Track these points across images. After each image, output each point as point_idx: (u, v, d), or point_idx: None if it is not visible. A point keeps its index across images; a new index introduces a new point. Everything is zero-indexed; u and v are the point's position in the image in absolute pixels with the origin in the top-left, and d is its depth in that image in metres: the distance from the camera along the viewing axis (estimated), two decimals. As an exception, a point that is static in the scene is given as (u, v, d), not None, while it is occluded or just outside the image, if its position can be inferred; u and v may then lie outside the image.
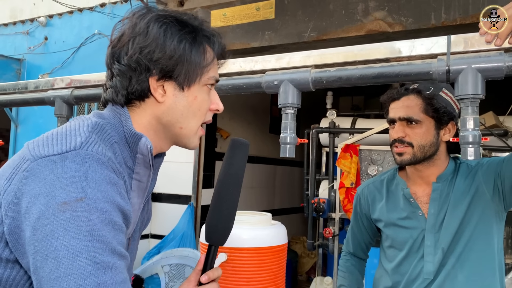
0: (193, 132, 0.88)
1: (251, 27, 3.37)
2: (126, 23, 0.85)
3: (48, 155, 0.70)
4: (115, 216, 0.70)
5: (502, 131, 3.25)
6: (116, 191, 0.71)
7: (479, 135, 0.97)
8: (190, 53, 0.82)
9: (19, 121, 5.49)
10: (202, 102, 0.87)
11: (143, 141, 0.81)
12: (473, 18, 2.60)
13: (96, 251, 0.66)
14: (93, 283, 0.65)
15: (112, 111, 0.84)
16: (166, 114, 0.84)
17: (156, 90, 0.83)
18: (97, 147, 0.73)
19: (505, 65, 0.95)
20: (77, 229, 0.65)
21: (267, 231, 1.53)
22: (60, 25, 5.19)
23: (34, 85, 1.74)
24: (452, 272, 1.32)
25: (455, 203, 1.34)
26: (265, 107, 5.80)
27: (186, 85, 0.84)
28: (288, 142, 1.18)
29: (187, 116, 0.85)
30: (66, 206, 0.66)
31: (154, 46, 0.80)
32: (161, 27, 0.81)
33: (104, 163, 0.71)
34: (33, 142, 0.75)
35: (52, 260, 0.64)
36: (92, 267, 0.65)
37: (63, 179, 0.67)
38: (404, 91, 1.39)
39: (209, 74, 0.87)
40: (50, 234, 0.65)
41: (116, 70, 0.83)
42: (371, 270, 1.66)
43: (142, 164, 0.83)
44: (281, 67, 1.22)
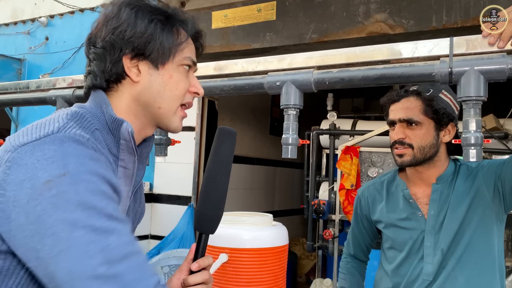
0: (172, 112, 0.88)
1: (252, 28, 3.38)
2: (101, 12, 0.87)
3: (27, 142, 0.70)
4: (103, 186, 0.70)
5: (502, 133, 3.25)
6: (99, 166, 0.71)
7: (481, 137, 0.97)
8: (161, 31, 0.84)
9: (19, 120, 5.48)
10: (178, 82, 0.87)
11: (125, 126, 0.82)
12: (474, 20, 2.61)
13: (91, 218, 0.66)
14: (96, 249, 0.65)
15: (93, 100, 0.86)
16: (142, 94, 0.85)
17: (130, 70, 0.84)
18: (75, 130, 0.74)
19: (508, 67, 0.95)
20: (66, 202, 0.66)
21: (268, 232, 1.53)
22: (61, 25, 5.20)
23: (35, 85, 1.74)
24: (453, 274, 1.32)
25: (455, 204, 1.34)
26: (266, 108, 5.81)
27: (160, 63, 0.85)
28: (290, 143, 1.18)
29: (164, 95, 0.86)
30: (51, 184, 0.66)
31: (126, 26, 0.83)
32: (132, 9, 0.84)
33: (83, 143, 0.72)
34: (14, 135, 0.75)
35: (50, 237, 0.64)
36: (91, 234, 0.65)
37: (43, 160, 0.68)
38: (404, 93, 1.39)
39: (184, 54, 0.88)
40: (42, 214, 0.65)
41: (92, 54, 0.85)
42: (371, 272, 1.66)
43: (126, 150, 0.83)
44: (283, 68, 1.22)
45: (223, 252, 1.47)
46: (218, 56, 3.50)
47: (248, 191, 5.56)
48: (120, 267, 0.66)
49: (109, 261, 0.65)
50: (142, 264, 0.69)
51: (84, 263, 0.64)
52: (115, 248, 0.66)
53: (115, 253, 0.66)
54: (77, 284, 0.63)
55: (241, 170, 5.39)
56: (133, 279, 0.66)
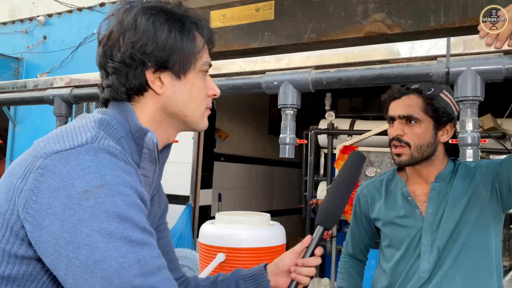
0: (199, 117, 0.89)
1: (250, 27, 3.38)
2: (112, 20, 0.85)
3: (60, 150, 0.70)
4: (137, 199, 0.72)
5: (500, 133, 3.26)
6: (131, 179, 0.73)
7: (478, 137, 0.97)
8: (181, 41, 0.83)
9: (17, 120, 5.47)
10: (200, 88, 0.88)
11: (149, 136, 0.82)
12: (472, 20, 2.61)
13: (128, 230, 0.67)
14: (133, 260, 0.66)
15: (116, 107, 0.85)
16: (167, 105, 0.85)
17: (153, 83, 0.83)
18: (108, 141, 0.74)
19: (504, 67, 0.95)
20: (104, 213, 0.66)
21: (266, 231, 1.54)
22: (59, 24, 5.19)
23: (33, 84, 1.73)
24: (450, 273, 1.32)
25: (452, 203, 1.35)
26: (264, 108, 5.81)
27: (182, 73, 0.85)
28: (287, 143, 1.18)
29: (189, 103, 0.86)
30: (89, 194, 0.67)
31: (146, 39, 0.81)
32: (148, 19, 0.82)
33: (116, 156, 0.73)
34: (43, 140, 0.75)
35: (86, 247, 0.65)
36: (128, 245, 0.66)
37: (79, 170, 0.68)
38: (405, 91, 1.41)
39: (202, 60, 0.88)
40: (78, 223, 0.65)
41: (110, 68, 0.83)
42: (368, 271, 1.66)
43: (148, 159, 0.83)
44: (281, 68, 1.22)
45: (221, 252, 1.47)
46: (216, 55, 3.50)
47: (247, 190, 5.56)
48: (154, 280, 0.67)
49: (145, 273, 0.66)
50: (171, 277, 0.71)
51: (121, 273, 0.65)
52: (149, 260, 0.68)
53: (149, 265, 0.68)
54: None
55: (240, 169, 5.40)
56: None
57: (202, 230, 1.60)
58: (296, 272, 0.98)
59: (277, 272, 1.02)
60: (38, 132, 5.16)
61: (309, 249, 1.00)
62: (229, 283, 1.03)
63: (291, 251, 1.02)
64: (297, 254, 1.01)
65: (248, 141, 5.48)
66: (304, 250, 1.01)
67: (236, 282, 1.02)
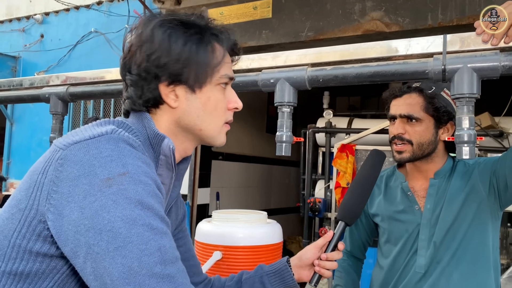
0: (215, 132, 0.88)
1: (248, 26, 3.37)
2: (133, 32, 0.85)
3: (80, 140, 0.71)
4: (156, 190, 0.72)
5: (497, 132, 3.26)
6: (151, 170, 0.73)
7: (474, 134, 0.97)
8: (196, 54, 0.82)
9: (14, 118, 5.46)
10: (217, 102, 0.86)
11: (166, 142, 0.81)
12: (469, 19, 2.61)
13: (149, 218, 0.67)
14: (154, 247, 0.66)
15: (135, 117, 0.86)
16: (182, 118, 0.85)
17: (168, 96, 0.83)
18: (127, 134, 0.75)
19: (501, 65, 0.95)
20: (127, 200, 0.66)
21: (263, 229, 1.53)
22: (57, 22, 5.17)
23: (29, 82, 1.73)
24: (447, 269, 1.33)
25: (450, 199, 1.35)
26: (262, 107, 5.80)
27: (197, 87, 0.83)
28: (284, 141, 1.17)
29: (204, 117, 0.85)
30: (111, 181, 0.67)
31: (160, 51, 0.80)
32: (165, 31, 0.81)
33: (136, 148, 0.73)
34: (61, 137, 0.76)
35: (108, 233, 0.64)
36: (150, 232, 0.66)
37: (100, 158, 0.68)
38: (407, 89, 1.41)
39: (220, 73, 0.86)
40: (100, 209, 0.65)
41: (128, 81, 0.84)
42: (366, 270, 1.66)
43: (164, 166, 0.83)
44: (278, 66, 1.21)
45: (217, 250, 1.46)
46: (214, 54, 3.49)
47: (245, 189, 5.56)
48: (172, 269, 0.67)
49: (165, 261, 0.66)
50: (185, 270, 0.71)
51: (142, 260, 0.64)
52: (169, 249, 0.68)
53: (169, 254, 0.68)
54: (133, 280, 0.63)
55: (237, 168, 5.39)
56: (183, 283, 0.68)
57: (199, 228, 1.59)
58: (320, 266, 1.03)
59: (300, 265, 1.06)
60: (36, 130, 5.15)
61: (331, 244, 1.05)
62: (253, 281, 1.04)
63: (314, 245, 1.06)
64: (319, 248, 1.05)
65: (246, 140, 5.47)
66: (325, 244, 1.05)
67: (261, 278, 1.04)
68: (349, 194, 1.10)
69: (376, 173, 1.13)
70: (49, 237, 0.70)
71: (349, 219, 1.07)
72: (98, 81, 1.52)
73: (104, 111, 4.82)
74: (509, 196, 1.30)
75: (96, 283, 0.66)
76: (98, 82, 1.52)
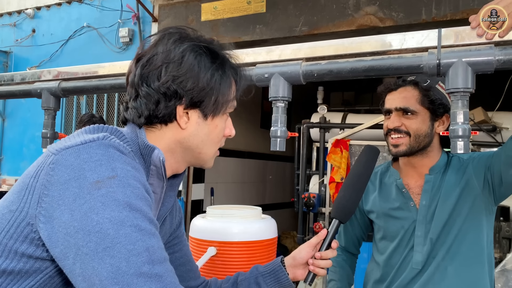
0: (210, 156, 0.92)
1: (242, 20, 3.35)
2: (157, 42, 0.86)
3: (71, 145, 0.73)
4: (145, 194, 0.74)
5: (490, 126, 3.28)
6: (140, 175, 0.75)
7: (468, 128, 0.97)
8: (219, 86, 0.86)
9: (6, 114, 5.41)
10: (221, 130, 0.91)
11: (156, 153, 0.83)
12: (463, 13, 2.61)
13: (137, 219, 0.69)
14: (142, 247, 0.67)
15: (129, 127, 0.87)
16: (187, 140, 0.88)
17: (181, 117, 0.85)
18: (118, 141, 0.77)
19: (495, 59, 0.94)
20: (115, 202, 0.68)
21: (257, 225, 1.53)
22: (48, 17, 5.12)
23: (20, 77, 1.70)
24: (442, 264, 1.33)
25: (445, 195, 1.35)
26: (256, 102, 5.79)
27: (211, 116, 0.87)
28: (278, 136, 1.17)
29: (207, 143, 0.89)
30: (100, 184, 0.69)
31: (188, 76, 0.83)
32: (196, 57, 0.84)
33: (125, 154, 0.76)
34: (54, 144, 0.78)
35: (96, 234, 0.66)
36: (138, 233, 0.68)
37: (90, 162, 0.70)
38: (402, 82, 1.41)
39: (232, 105, 0.91)
40: (89, 211, 0.67)
41: (143, 92, 0.84)
42: (361, 264, 1.66)
43: (155, 176, 0.85)
44: (272, 60, 1.20)
45: (212, 246, 1.46)
46: (207, 49, 3.47)
47: (239, 184, 5.56)
48: (161, 269, 0.68)
49: (152, 261, 0.67)
50: (173, 270, 0.72)
51: (130, 260, 0.65)
52: (157, 249, 0.69)
53: (157, 254, 0.69)
54: (121, 280, 0.64)
55: (232, 163, 5.39)
56: (171, 282, 0.69)
57: (193, 224, 1.59)
58: (314, 265, 1.04)
59: (294, 264, 1.06)
60: (28, 126, 5.10)
61: (325, 242, 1.04)
62: (249, 282, 1.06)
63: (308, 244, 1.07)
64: (313, 246, 1.06)
65: (240, 135, 5.45)
66: (320, 243, 1.05)
67: (256, 279, 1.06)
68: (343, 191, 1.09)
69: (369, 170, 1.11)
70: (35, 239, 0.72)
71: (343, 217, 1.06)
72: (91, 76, 1.50)
73: (97, 106, 4.79)
74: (503, 191, 1.31)
75: (85, 284, 0.67)
76: (91, 77, 1.51)
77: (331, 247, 1.05)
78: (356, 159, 1.12)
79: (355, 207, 1.07)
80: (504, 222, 3.06)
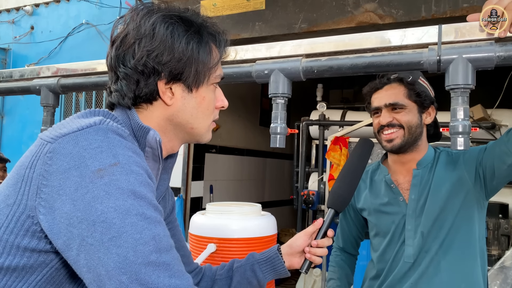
0: (204, 130, 0.89)
1: (241, 17, 3.34)
2: (128, 21, 0.83)
3: (68, 133, 0.70)
4: (148, 179, 0.72)
5: (489, 124, 3.28)
6: (141, 160, 0.73)
7: (469, 125, 0.96)
8: (198, 54, 0.82)
9: (5, 111, 5.40)
10: (210, 101, 0.88)
11: (151, 134, 0.81)
12: (463, 10, 2.61)
13: (143, 207, 0.67)
14: (149, 236, 0.65)
15: (119, 110, 0.85)
16: (175, 116, 0.85)
17: (164, 93, 0.82)
18: (116, 124, 0.74)
19: (496, 55, 0.94)
20: (119, 190, 0.66)
21: (257, 221, 1.53)
22: (47, 14, 5.10)
23: (19, 74, 1.70)
24: (435, 258, 1.35)
25: (435, 189, 1.37)
26: (255, 99, 5.79)
27: (195, 87, 0.84)
28: (278, 132, 1.17)
29: (197, 116, 0.86)
30: (103, 172, 0.66)
31: (162, 48, 0.79)
32: (167, 28, 0.80)
33: (125, 137, 0.73)
34: (47, 130, 0.74)
35: (102, 224, 0.64)
36: (144, 221, 0.66)
37: (90, 150, 0.68)
38: (387, 80, 1.45)
39: (216, 73, 0.87)
40: (93, 200, 0.65)
41: (122, 73, 0.82)
42: (359, 261, 1.67)
43: (151, 158, 0.83)
44: (272, 56, 1.20)
45: (211, 242, 1.46)
46: (207, 46, 3.46)
47: (238, 182, 5.55)
48: (168, 257, 0.67)
49: (160, 249, 0.66)
50: (179, 258, 0.71)
51: (137, 249, 0.64)
52: (163, 237, 0.68)
53: (163, 242, 0.67)
54: (129, 269, 0.63)
55: (231, 161, 5.38)
56: (179, 270, 0.68)
57: (193, 221, 1.58)
58: (311, 253, 1.04)
59: (291, 252, 1.07)
60: (27, 124, 5.09)
61: (321, 231, 1.06)
62: (245, 269, 1.05)
63: (304, 233, 1.08)
64: (309, 235, 1.07)
65: (239, 133, 5.46)
66: (316, 232, 1.07)
67: (252, 266, 1.05)
68: (338, 182, 1.11)
69: (364, 162, 1.13)
70: (37, 232, 0.69)
71: (338, 207, 1.08)
72: (90, 72, 1.50)
73: (96, 103, 4.78)
74: (495, 185, 1.33)
75: (90, 275, 0.65)
76: (90, 74, 1.50)
77: (327, 235, 1.07)
78: (351, 152, 1.14)
79: (350, 197, 1.09)
80: (503, 219, 3.06)
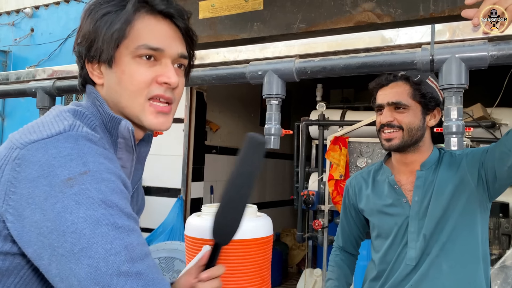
0: (137, 110, 0.81)
1: (239, 18, 3.34)
2: None
3: (37, 139, 0.69)
4: (120, 185, 0.70)
5: (489, 123, 3.27)
6: (113, 165, 0.72)
7: (462, 125, 0.96)
8: (102, 24, 0.79)
9: (6, 114, 5.41)
10: (132, 76, 0.80)
11: (123, 124, 0.80)
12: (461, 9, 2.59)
13: (114, 217, 0.66)
14: (120, 246, 0.65)
15: (88, 98, 0.85)
16: (107, 95, 0.83)
17: (92, 74, 0.84)
18: (86, 129, 0.73)
19: (489, 54, 0.94)
20: (89, 199, 0.65)
21: (253, 223, 1.52)
22: (47, 16, 5.11)
23: (15, 76, 1.70)
24: (437, 261, 1.33)
25: (438, 191, 1.35)
26: (255, 100, 5.78)
27: (112, 62, 0.80)
28: (272, 133, 1.16)
29: (121, 93, 0.81)
30: (72, 181, 0.65)
31: (79, 29, 0.84)
32: (86, 10, 0.84)
33: (96, 143, 0.71)
34: (18, 132, 0.73)
35: (72, 234, 0.63)
36: (115, 231, 0.65)
37: (60, 158, 0.66)
38: (393, 78, 1.42)
39: (136, 42, 0.79)
40: (62, 211, 0.64)
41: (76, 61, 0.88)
42: (359, 261, 1.66)
43: (124, 149, 0.82)
44: (265, 57, 1.20)
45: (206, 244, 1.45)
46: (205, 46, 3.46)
47: (239, 182, 5.54)
48: (142, 266, 0.66)
49: (132, 259, 0.65)
50: (156, 265, 0.70)
51: (108, 259, 0.63)
52: (136, 246, 0.67)
53: (136, 251, 0.66)
54: (101, 280, 0.62)
55: (231, 162, 5.38)
56: (154, 278, 0.67)
57: (188, 223, 1.58)
58: None
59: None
60: (27, 126, 5.10)
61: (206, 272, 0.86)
62: None
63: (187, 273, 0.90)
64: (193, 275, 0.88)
65: (239, 133, 5.45)
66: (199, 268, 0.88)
67: None
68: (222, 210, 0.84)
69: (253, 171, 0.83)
70: (9, 236, 0.68)
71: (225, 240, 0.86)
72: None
73: (96, 105, 4.78)
74: (497, 187, 1.31)
75: (63, 284, 0.65)
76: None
77: None
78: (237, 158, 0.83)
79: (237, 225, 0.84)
80: (503, 219, 3.04)
